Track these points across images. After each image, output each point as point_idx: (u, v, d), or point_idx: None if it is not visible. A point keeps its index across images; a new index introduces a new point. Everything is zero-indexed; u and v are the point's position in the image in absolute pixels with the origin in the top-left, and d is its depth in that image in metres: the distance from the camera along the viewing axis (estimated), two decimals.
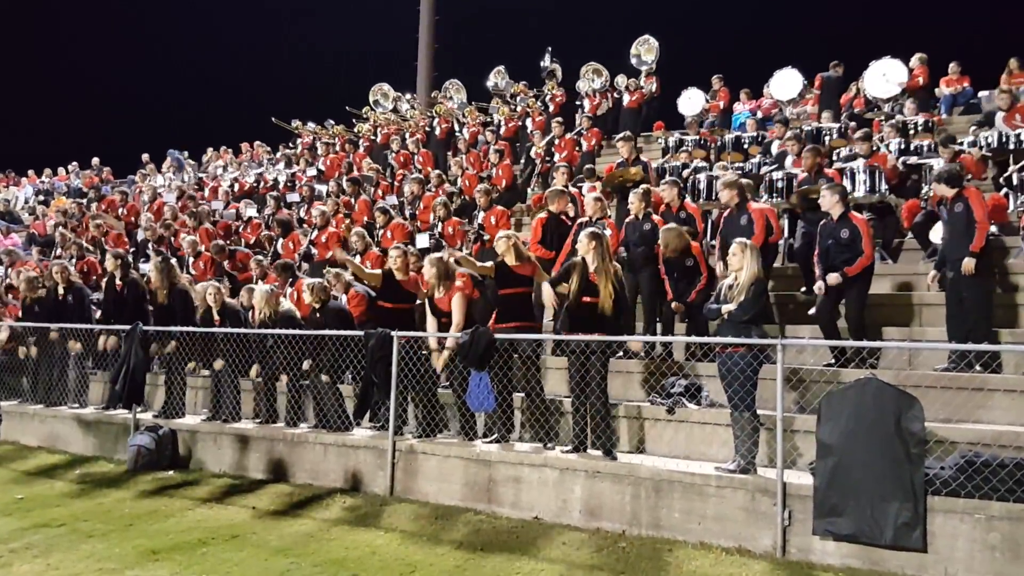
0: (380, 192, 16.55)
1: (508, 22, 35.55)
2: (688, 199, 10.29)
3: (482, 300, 9.15)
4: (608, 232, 8.86)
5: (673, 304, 8.94)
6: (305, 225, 14.87)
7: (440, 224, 12.35)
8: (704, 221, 11.82)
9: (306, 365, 9.20)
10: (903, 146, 11.84)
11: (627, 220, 9.67)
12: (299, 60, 38.87)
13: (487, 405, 7.81)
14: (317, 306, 9.28)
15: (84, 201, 20.34)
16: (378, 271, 9.20)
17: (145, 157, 24.84)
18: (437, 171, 16.61)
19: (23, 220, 21.63)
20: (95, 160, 25.44)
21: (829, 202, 8.31)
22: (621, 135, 12.28)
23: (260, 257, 12.75)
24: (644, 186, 10.55)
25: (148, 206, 19.09)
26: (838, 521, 5.86)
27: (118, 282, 11.13)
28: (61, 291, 11.41)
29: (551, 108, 19.48)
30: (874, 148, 11.13)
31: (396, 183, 16.84)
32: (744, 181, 9.75)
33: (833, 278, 8.07)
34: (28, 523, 7.41)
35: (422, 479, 8.01)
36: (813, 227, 8.92)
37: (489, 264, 8.28)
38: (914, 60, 15.51)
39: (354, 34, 37.96)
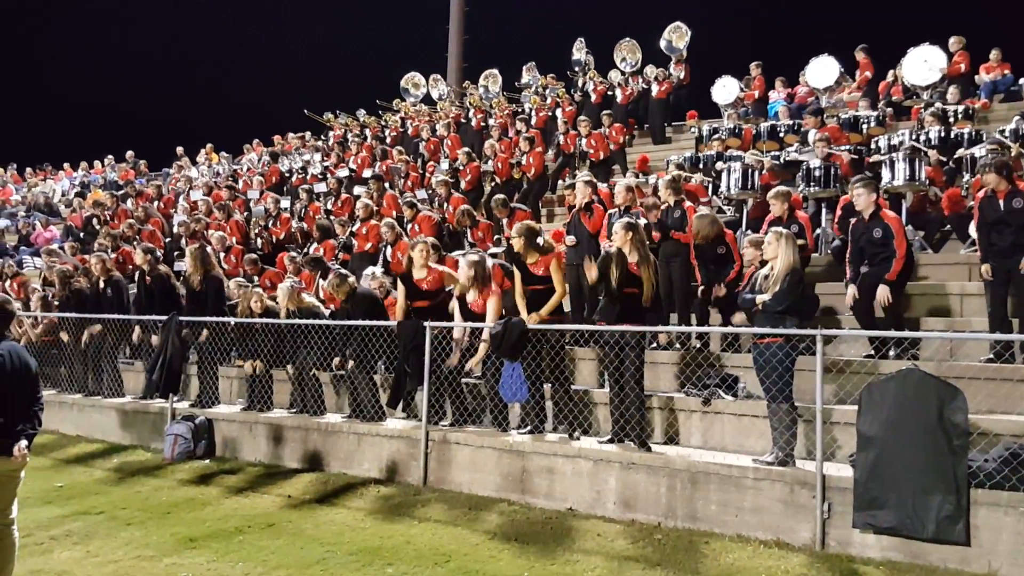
0: (409, 183, 16.56)
1: (538, 13, 35.47)
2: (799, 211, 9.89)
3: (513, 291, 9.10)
4: (643, 222, 8.74)
5: (712, 288, 8.79)
6: (332, 217, 14.90)
7: (469, 231, 12.24)
8: (739, 211, 11.73)
9: (349, 364, 9.21)
10: (943, 134, 11.61)
11: (660, 208, 9.58)
12: (330, 54, 39.05)
13: (520, 395, 7.78)
14: (344, 296, 9.29)
15: (119, 194, 20.59)
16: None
17: (180, 150, 25.11)
18: (466, 149, 16.61)
19: (61, 213, 21.96)
20: (129, 153, 25.76)
21: (865, 202, 8.02)
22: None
23: (294, 254, 12.79)
24: (675, 172, 10.46)
25: (185, 195, 19.30)
26: (879, 514, 5.76)
27: (147, 276, 11.28)
28: (101, 283, 11.56)
29: (593, 98, 19.35)
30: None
31: (428, 175, 16.83)
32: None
33: (882, 295, 7.73)
34: (68, 510, 7.53)
35: (455, 469, 8.01)
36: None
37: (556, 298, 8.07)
38: (952, 43, 15.15)
39: (384, 27, 38.10)
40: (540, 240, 8.24)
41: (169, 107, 37.26)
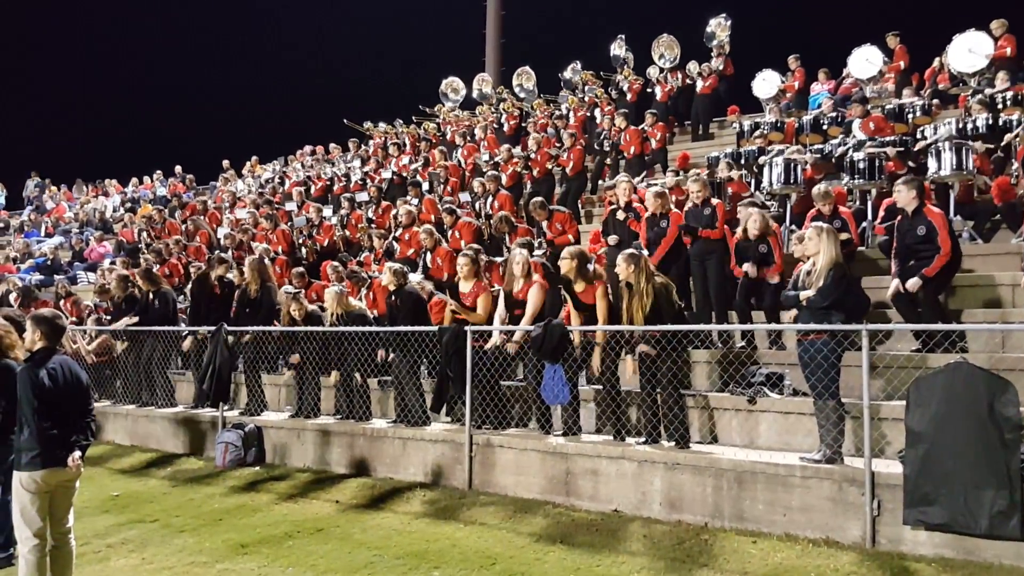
0: (449, 189, 16.66)
1: (575, 12, 35.45)
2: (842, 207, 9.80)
3: (554, 293, 9.10)
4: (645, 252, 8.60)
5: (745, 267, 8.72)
6: (374, 226, 15.07)
7: (508, 236, 12.21)
8: (783, 206, 11.61)
9: (380, 355, 9.40)
10: (990, 121, 11.34)
11: (687, 208, 9.52)
12: (368, 62, 39.47)
13: (562, 398, 7.77)
14: (393, 288, 9.38)
15: (166, 208, 21.02)
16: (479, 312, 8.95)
17: (226, 163, 25.53)
18: (506, 145, 16.71)
19: (113, 229, 22.48)
20: (178, 168, 26.25)
21: (905, 198, 7.90)
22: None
23: (336, 263, 12.94)
24: (696, 171, 10.39)
25: (230, 208, 19.63)
26: (930, 510, 5.65)
27: (214, 281, 11.56)
28: (151, 295, 11.83)
29: (629, 96, 19.32)
30: None
31: (468, 175, 16.92)
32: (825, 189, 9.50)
33: (912, 284, 7.65)
34: (124, 519, 7.72)
35: (500, 472, 8.03)
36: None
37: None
38: (995, 27, 14.74)
39: (420, 32, 38.38)
40: (591, 267, 8.23)
41: (218, 120, 37.90)
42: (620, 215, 10.14)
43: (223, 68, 40.00)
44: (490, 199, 13.99)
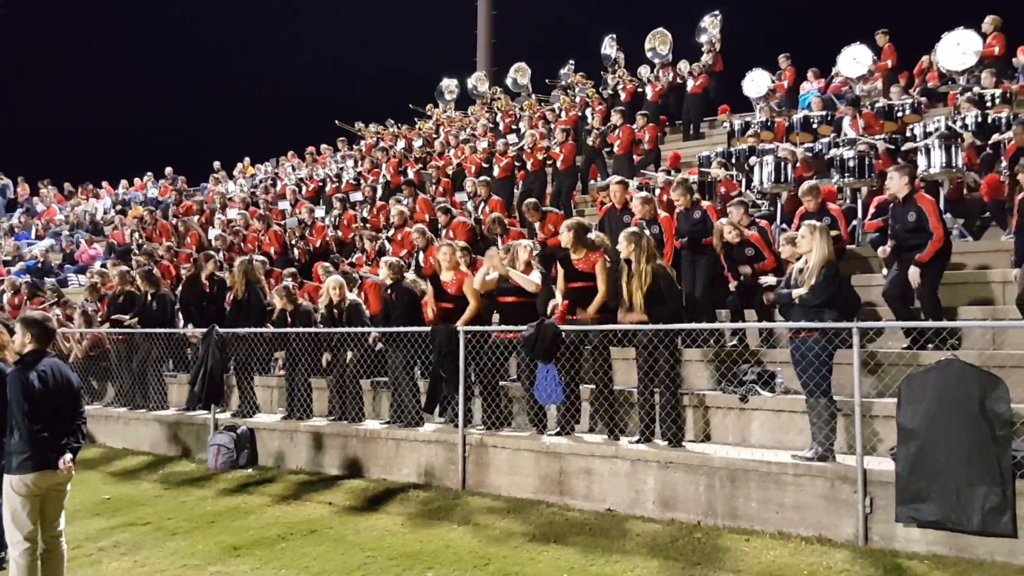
0: (440, 189, 16.64)
1: (566, 13, 35.45)
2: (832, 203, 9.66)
3: (545, 291, 9.10)
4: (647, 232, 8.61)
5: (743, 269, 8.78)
6: (368, 226, 15.05)
7: (500, 239, 12.16)
8: (773, 204, 11.63)
9: (372, 338, 9.48)
10: (980, 119, 11.38)
11: (677, 211, 9.55)
12: (361, 62, 39.37)
13: (555, 398, 7.77)
14: (390, 283, 9.40)
15: (158, 210, 20.93)
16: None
17: (216, 164, 25.44)
18: (503, 139, 16.74)
19: (104, 231, 22.39)
20: (168, 170, 26.13)
21: (898, 184, 7.92)
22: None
23: (328, 264, 12.91)
24: (681, 175, 10.41)
25: (221, 210, 19.57)
26: (922, 507, 5.68)
27: (204, 280, 11.56)
28: (148, 296, 11.79)
29: (623, 96, 19.33)
30: None
31: (473, 165, 16.92)
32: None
33: (913, 275, 7.69)
34: (116, 522, 7.68)
35: (493, 472, 8.03)
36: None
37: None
38: (987, 24, 14.81)
39: (412, 33, 38.32)
40: (591, 236, 8.27)
41: (209, 122, 37.75)
42: (628, 220, 10.10)
43: (219, 68, 39.83)
44: (481, 204, 13.98)
